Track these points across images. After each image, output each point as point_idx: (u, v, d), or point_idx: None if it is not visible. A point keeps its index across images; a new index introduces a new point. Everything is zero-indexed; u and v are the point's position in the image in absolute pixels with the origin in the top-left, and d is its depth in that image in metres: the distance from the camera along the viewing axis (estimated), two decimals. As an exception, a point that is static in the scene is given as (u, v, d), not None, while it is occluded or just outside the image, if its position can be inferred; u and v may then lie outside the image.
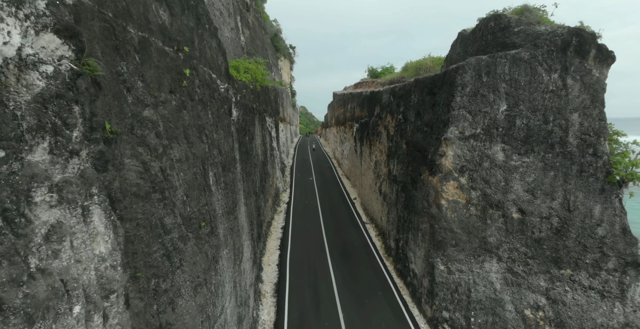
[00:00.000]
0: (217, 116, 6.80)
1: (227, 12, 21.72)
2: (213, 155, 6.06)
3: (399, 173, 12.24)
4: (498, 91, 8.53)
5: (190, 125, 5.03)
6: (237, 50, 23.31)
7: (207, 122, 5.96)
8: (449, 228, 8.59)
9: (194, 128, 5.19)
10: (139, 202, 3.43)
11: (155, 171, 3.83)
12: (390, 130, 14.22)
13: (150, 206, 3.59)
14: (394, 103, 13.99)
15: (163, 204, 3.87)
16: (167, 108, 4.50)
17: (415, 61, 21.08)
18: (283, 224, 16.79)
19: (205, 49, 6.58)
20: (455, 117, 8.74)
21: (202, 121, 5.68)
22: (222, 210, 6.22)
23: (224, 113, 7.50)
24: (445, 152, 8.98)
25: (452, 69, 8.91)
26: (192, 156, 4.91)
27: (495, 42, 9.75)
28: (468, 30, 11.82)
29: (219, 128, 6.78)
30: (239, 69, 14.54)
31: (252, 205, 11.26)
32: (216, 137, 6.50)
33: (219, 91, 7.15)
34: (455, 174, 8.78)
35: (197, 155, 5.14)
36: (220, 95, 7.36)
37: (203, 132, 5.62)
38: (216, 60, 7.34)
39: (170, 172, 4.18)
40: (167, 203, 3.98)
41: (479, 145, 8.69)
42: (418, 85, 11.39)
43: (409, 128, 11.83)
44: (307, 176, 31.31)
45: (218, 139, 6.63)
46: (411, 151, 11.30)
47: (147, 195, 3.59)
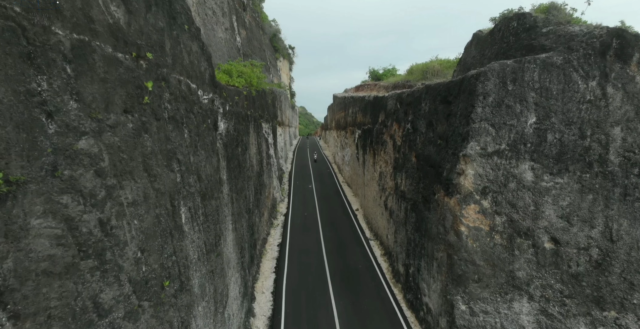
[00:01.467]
0: (197, 134, 5.76)
1: (220, 11, 20.83)
2: (188, 184, 5.01)
3: (408, 190, 11.19)
4: (526, 101, 7.51)
5: (153, 152, 3.99)
6: (232, 52, 22.40)
7: (181, 144, 4.92)
8: (471, 260, 7.53)
9: (159, 155, 4.14)
10: (52, 283, 2.38)
11: (89, 228, 2.78)
12: (397, 140, 13.19)
13: (74, 284, 2.54)
14: (400, 111, 12.98)
15: (100, 273, 2.82)
16: (119, 133, 3.45)
17: (422, 63, 20.13)
18: (280, 240, 15.71)
19: (182, 54, 5.55)
20: (476, 130, 7.72)
21: (174, 144, 4.63)
22: (199, 253, 5.17)
23: (207, 128, 6.46)
24: (464, 170, 7.95)
25: (472, 76, 7.90)
26: (154, 193, 3.86)
27: (519, 45, 8.76)
28: (484, 31, 10.84)
29: (198, 149, 5.74)
30: (232, 73, 13.55)
31: (244, 226, 10.20)
32: (194, 160, 5.46)
33: (200, 103, 6.12)
34: (477, 196, 7.73)
35: (163, 190, 4.09)
36: (203, 108, 6.33)
37: (174, 158, 4.57)
38: (197, 67, 6.31)
39: (116, 223, 3.13)
40: (108, 270, 2.92)
41: (503, 163, 7.66)
42: (429, 92, 10.38)
43: (419, 139, 10.80)
44: (307, 183, 30.26)
45: (197, 162, 5.58)
46: (422, 166, 10.26)
47: (70, 267, 2.54)
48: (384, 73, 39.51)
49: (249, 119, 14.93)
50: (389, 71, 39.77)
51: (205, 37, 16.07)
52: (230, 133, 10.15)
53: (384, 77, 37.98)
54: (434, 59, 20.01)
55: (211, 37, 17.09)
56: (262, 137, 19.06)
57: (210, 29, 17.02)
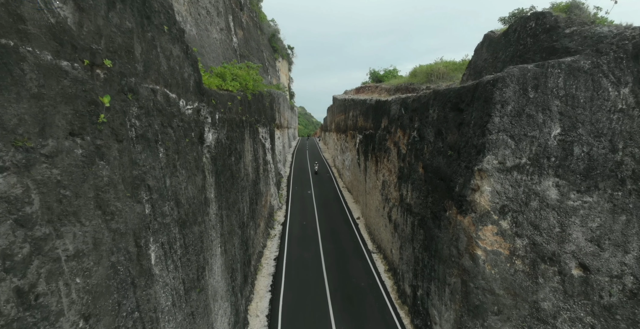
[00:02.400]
0: (176, 151, 5.01)
1: (215, 11, 20.14)
2: (162, 214, 4.26)
3: (415, 203, 10.45)
4: (549, 110, 6.79)
5: (112, 182, 3.24)
6: (227, 53, 21.71)
7: (153, 167, 4.17)
8: (489, 289, 6.78)
9: (121, 185, 3.39)
10: None
11: None
12: (402, 148, 12.47)
13: None
14: (405, 117, 12.26)
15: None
16: (61, 164, 2.70)
17: (426, 65, 19.44)
18: (277, 253, 14.93)
19: (159, 59, 4.81)
20: (493, 142, 6.99)
21: (143, 168, 3.89)
22: (175, 296, 4.41)
23: (191, 143, 5.72)
24: (480, 186, 7.21)
25: (488, 82, 7.18)
26: (110, 236, 3.11)
27: (539, 47, 8.05)
28: (497, 32, 10.14)
29: (178, 169, 4.99)
30: (225, 77, 12.82)
31: (236, 244, 9.44)
32: (172, 182, 4.71)
33: (181, 115, 5.38)
34: (495, 216, 7.00)
35: (124, 230, 3.34)
36: (185, 120, 5.58)
37: (142, 186, 3.83)
38: (179, 74, 5.58)
39: (46, 288, 2.38)
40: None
41: (524, 179, 6.93)
42: (438, 98, 9.66)
43: (427, 149, 10.07)
44: (306, 188, 29.52)
45: (175, 185, 4.84)
46: (430, 178, 9.53)
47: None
48: (384, 75, 38.87)
49: (244, 125, 14.21)
50: (390, 72, 39.13)
51: (198, 38, 15.37)
52: (222, 142, 9.42)
53: (384, 79, 37.33)
54: (438, 61, 19.33)
55: (204, 38, 16.40)
56: (259, 142, 18.34)
57: (203, 29, 16.33)
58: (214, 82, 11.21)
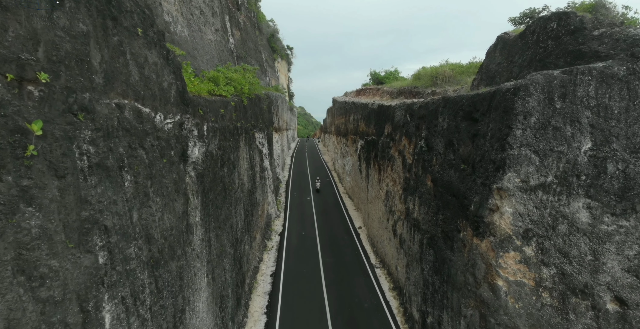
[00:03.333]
0: (149, 176, 4.26)
1: (210, 11, 19.45)
2: (125, 258, 3.51)
3: (423, 219, 9.70)
4: (579, 122, 6.07)
5: (45, 234, 2.49)
6: (223, 55, 21.01)
7: (114, 202, 3.42)
8: (512, 326, 6.03)
9: (61, 234, 2.64)
10: None
11: None
12: (407, 157, 11.74)
13: None
14: (411, 125, 11.54)
15: None
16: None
17: (430, 68, 18.76)
18: (273, 268, 14.15)
19: (128, 68, 4.07)
20: (515, 158, 6.26)
21: (97, 206, 3.14)
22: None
23: (169, 163, 4.97)
24: (499, 207, 6.48)
25: (508, 90, 6.46)
26: (36, 310, 2.35)
27: (562, 50, 7.34)
28: (512, 33, 9.44)
29: (151, 198, 4.24)
30: (219, 81, 12.11)
31: (227, 267, 8.68)
32: (140, 216, 3.96)
33: (157, 132, 4.63)
34: (517, 241, 6.25)
35: (59, 297, 2.58)
36: (163, 137, 4.84)
37: (95, 229, 3.08)
38: (156, 83, 4.84)
39: None
40: None
41: (551, 199, 6.19)
42: (448, 105, 8.94)
43: (436, 160, 9.34)
44: (305, 194, 28.77)
45: (146, 218, 4.08)
46: (441, 193, 8.79)
47: None
48: (386, 76, 38.23)
49: (238, 132, 13.48)
50: (392, 74, 38.51)
51: (191, 39, 14.66)
52: (213, 154, 8.68)
53: (386, 80, 36.68)
54: (443, 63, 18.65)
55: (198, 39, 15.70)
56: (255, 149, 17.61)
57: (196, 30, 15.63)
58: (205, 87, 10.48)
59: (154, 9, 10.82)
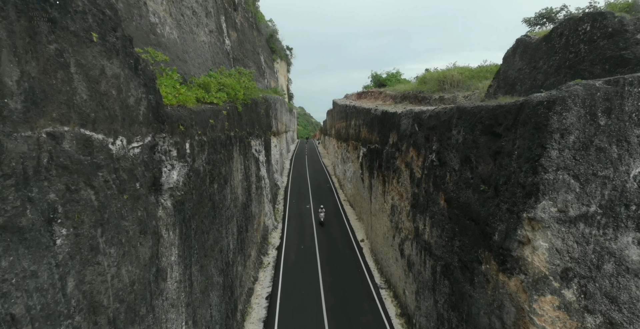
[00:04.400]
0: (99, 223, 3.35)
1: (204, 11, 18.59)
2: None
3: (436, 243, 8.79)
4: (627, 142, 5.19)
5: None
6: (218, 57, 20.15)
7: (36, 271, 2.51)
8: (551, 387, 5.12)
9: None
10: None
11: None
12: (415, 171, 10.85)
13: None
14: (419, 135, 10.66)
15: None
16: None
17: (437, 71, 17.93)
18: (269, 289, 13.20)
19: (72, 84, 3.18)
20: (550, 183, 5.38)
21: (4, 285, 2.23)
22: None
23: (133, 199, 4.06)
24: (531, 240, 5.58)
25: (540, 103, 5.58)
26: None
27: (598, 56, 6.47)
28: (534, 36, 8.58)
29: (104, 249, 3.34)
30: (210, 87, 11.23)
31: (214, 301, 7.75)
32: (81, 280, 3.04)
33: (115, 163, 3.73)
34: (555, 283, 5.35)
35: None
36: (125, 167, 3.94)
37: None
38: (117, 100, 3.95)
39: None
40: None
41: (595, 233, 5.30)
42: (464, 116, 8.07)
43: (450, 178, 8.45)
44: (304, 202, 27.86)
45: (91, 281, 3.17)
46: (457, 216, 7.90)
47: None
48: (387, 78, 37.46)
49: (232, 142, 12.59)
50: (394, 76, 37.74)
51: (181, 42, 13.79)
52: (200, 171, 7.79)
53: (388, 83, 35.89)
54: (450, 67, 17.81)
55: (189, 41, 14.85)
56: (251, 158, 16.72)
57: (187, 31, 14.77)
58: (192, 95, 9.60)
59: (138, 9, 9.96)
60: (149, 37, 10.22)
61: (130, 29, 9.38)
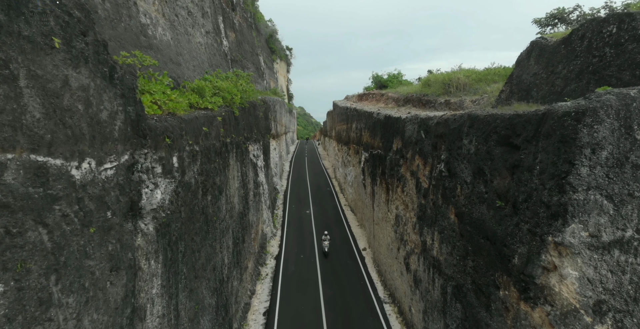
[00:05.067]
0: (56, 267, 2.80)
1: (200, 11, 18.06)
2: None
3: (446, 261, 8.23)
4: (668, 159, 4.64)
5: None
6: (215, 59, 19.61)
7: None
8: None
9: None
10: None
11: None
12: (422, 181, 10.30)
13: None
14: (426, 143, 10.11)
15: None
16: None
17: (442, 73, 17.40)
18: (267, 304, 12.62)
19: (21, 100, 2.65)
20: (580, 204, 4.83)
21: None
22: None
23: (102, 232, 3.50)
24: (558, 267, 5.03)
25: (567, 114, 5.04)
26: None
27: (627, 61, 5.93)
28: (551, 39, 8.04)
29: (60, 299, 2.78)
30: (204, 92, 10.68)
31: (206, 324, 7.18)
32: None
33: (78, 192, 3.17)
34: (587, 318, 4.79)
35: None
36: (94, 195, 3.38)
37: None
38: (84, 117, 3.41)
39: None
40: None
41: (631, 261, 4.74)
42: (476, 125, 7.52)
43: (461, 190, 7.90)
44: (304, 207, 27.28)
45: None
46: (469, 233, 7.34)
47: None
48: (389, 79, 36.97)
49: (228, 149, 12.05)
50: (395, 77, 37.25)
51: (174, 44, 13.25)
52: (192, 184, 7.25)
53: (389, 84, 35.39)
54: (456, 69, 17.30)
55: (184, 43, 14.31)
56: (249, 164, 16.17)
57: (182, 33, 14.24)
58: (185, 101, 9.06)
59: (127, 10, 9.43)
60: (139, 39, 9.68)
61: (118, 30, 8.85)
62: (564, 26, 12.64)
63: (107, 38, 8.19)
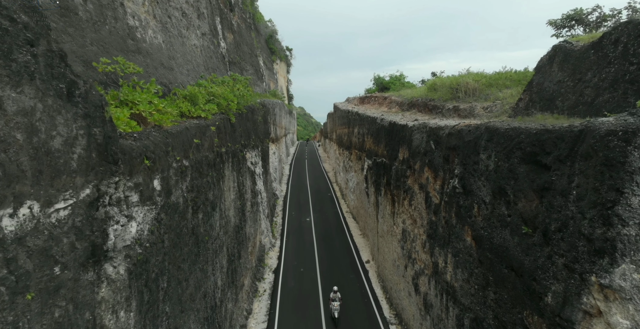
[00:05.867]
0: None
1: (195, 12, 17.39)
2: None
3: (462, 289, 7.50)
4: None
5: None
6: (211, 62, 18.92)
7: None
8: None
9: None
10: None
11: None
12: (432, 195, 9.58)
13: None
14: (437, 155, 9.41)
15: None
16: None
17: (449, 77, 16.72)
18: (264, 326, 11.87)
19: None
20: (632, 241, 4.12)
21: None
22: None
23: (50, 291, 2.81)
24: (604, 313, 4.31)
25: (612, 132, 4.33)
26: None
27: (675, 70, 5.23)
28: (577, 43, 7.34)
29: None
30: (197, 99, 10.01)
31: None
32: None
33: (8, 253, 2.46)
34: (640, 377, 4.06)
35: None
36: (34, 248, 2.67)
37: None
38: (26, 148, 2.69)
39: None
40: None
41: (694, 311, 4.02)
42: (495, 138, 6.82)
43: (478, 210, 7.18)
44: (304, 214, 26.54)
45: None
46: (490, 260, 6.61)
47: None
48: (391, 81, 36.32)
49: (223, 159, 11.36)
50: (397, 79, 36.61)
51: (166, 47, 12.57)
52: (180, 203, 6.59)
53: (391, 86, 34.74)
54: (464, 72, 16.62)
55: (177, 46, 13.64)
56: (246, 172, 15.47)
57: (175, 35, 13.56)
58: (175, 110, 8.38)
59: (113, 11, 8.75)
60: (126, 43, 9.00)
61: (102, 33, 8.17)
62: (582, 28, 11.96)
63: (89, 42, 7.52)
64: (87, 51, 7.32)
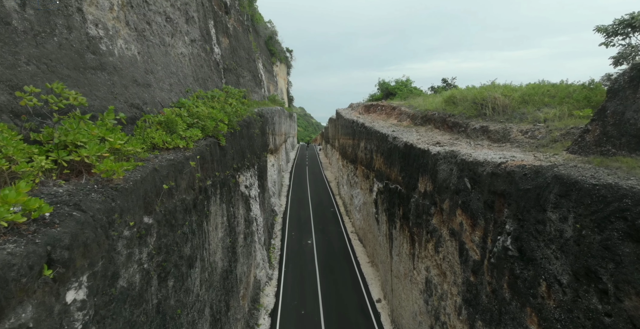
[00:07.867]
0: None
1: (183, 17, 15.64)
2: None
3: None
4: None
5: None
6: (201, 72, 17.19)
7: None
8: None
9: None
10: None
11: None
12: (469, 247, 7.74)
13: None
14: (474, 197, 7.59)
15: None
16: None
17: (472, 89, 14.91)
18: None
19: None
20: None
21: None
22: None
23: None
24: None
25: None
26: None
27: None
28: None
29: None
30: (174, 126, 8.26)
31: None
32: None
33: None
34: None
35: None
36: None
37: None
38: None
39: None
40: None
41: None
42: (572, 194, 5.00)
43: (548, 291, 5.34)
44: (305, 235, 24.66)
45: None
46: (573, 372, 4.74)
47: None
48: (396, 87, 34.64)
49: (208, 194, 9.57)
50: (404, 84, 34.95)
51: (142, 59, 10.78)
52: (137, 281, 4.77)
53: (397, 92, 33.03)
54: (487, 84, 14.85)
55: (158, 56, 11.91)
56: (239, 200, 13.67)
57: (156, 44, 11.83)
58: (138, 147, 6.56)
59: (65, 19, 7.01)
60: (83, 58, 7.26)
61: (47, 48, 6.43)
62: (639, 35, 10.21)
63: (24, 61, 5.77)
64: (19, 72, 5.58)
